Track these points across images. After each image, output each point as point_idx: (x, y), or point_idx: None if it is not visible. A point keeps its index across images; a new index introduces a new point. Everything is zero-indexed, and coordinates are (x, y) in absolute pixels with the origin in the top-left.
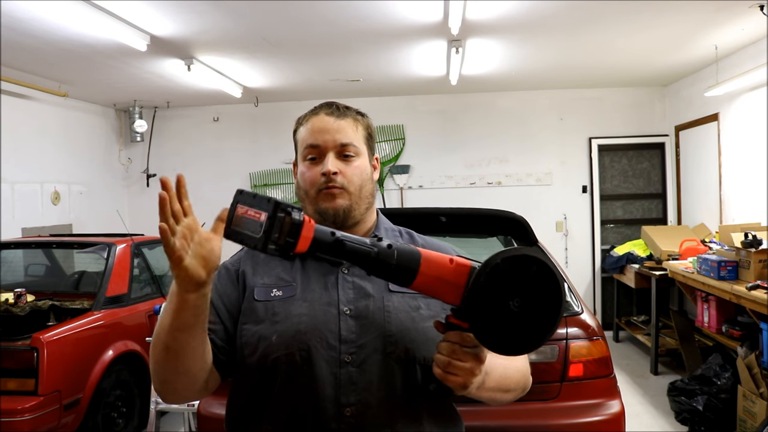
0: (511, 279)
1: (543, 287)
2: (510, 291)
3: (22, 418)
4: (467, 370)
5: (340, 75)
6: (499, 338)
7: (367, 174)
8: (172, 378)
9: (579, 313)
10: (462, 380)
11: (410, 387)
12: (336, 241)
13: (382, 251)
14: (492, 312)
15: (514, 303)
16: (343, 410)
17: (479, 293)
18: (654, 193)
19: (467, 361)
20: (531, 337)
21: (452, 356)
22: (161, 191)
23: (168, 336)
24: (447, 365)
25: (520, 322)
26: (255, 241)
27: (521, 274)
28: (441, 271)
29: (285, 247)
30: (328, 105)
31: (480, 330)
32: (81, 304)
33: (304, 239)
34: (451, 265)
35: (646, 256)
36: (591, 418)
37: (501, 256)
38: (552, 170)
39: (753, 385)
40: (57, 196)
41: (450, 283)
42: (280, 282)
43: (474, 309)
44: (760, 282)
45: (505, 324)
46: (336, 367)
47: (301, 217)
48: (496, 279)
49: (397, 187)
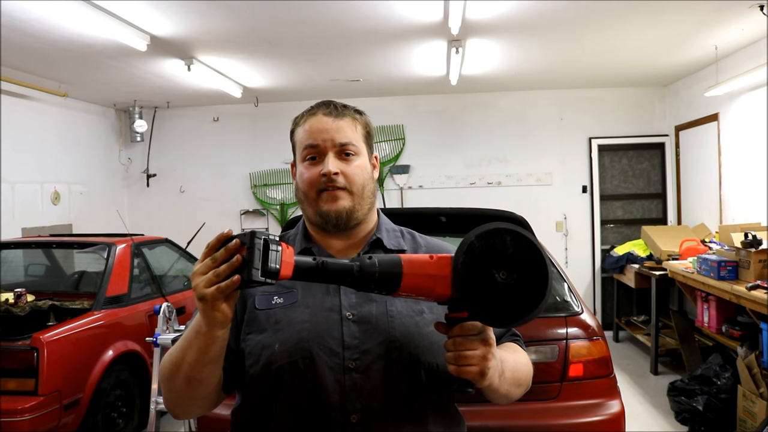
0: (490, 252)
1: (523, 254)
2: (492, 264)
3: (22, 418)
4: (479, 356)
5: (340, 75)
6: (495, 311)
7: (368, 173)
8: (190, 403)
9: (579, 313)
10: (478, 368)
11: (415, 391)
12: (318, 264)
13: (364, 264)
14: (481, 288)
15: (500, 275)
16: (349, 417)
17: (463, 273)
18: (654, 193)
19: (476, 347)
20: (527, 302)
21: (460, 348)
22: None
23: (193, 369)
24: (458, 358)
25: (512, 291)
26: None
27: (498, 246)
28: (424, 267)
29: (269, 274)
30: (326, 104)
31: (474, 308)
32: (81, 304)
33: (286, 264)
34: (432, 260)
35: (646, 256)
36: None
37: (474, 234)
38: (552, 170)
39: (753, 385)
40: (57, 196)
41: (435, 276)
42: (281, 289)
43: (463, 290)
44: (760, 282)
45: (497, 296)
46: (340, 374)
47: (278, 246)
48: (475, 256)
49: (397, 187)
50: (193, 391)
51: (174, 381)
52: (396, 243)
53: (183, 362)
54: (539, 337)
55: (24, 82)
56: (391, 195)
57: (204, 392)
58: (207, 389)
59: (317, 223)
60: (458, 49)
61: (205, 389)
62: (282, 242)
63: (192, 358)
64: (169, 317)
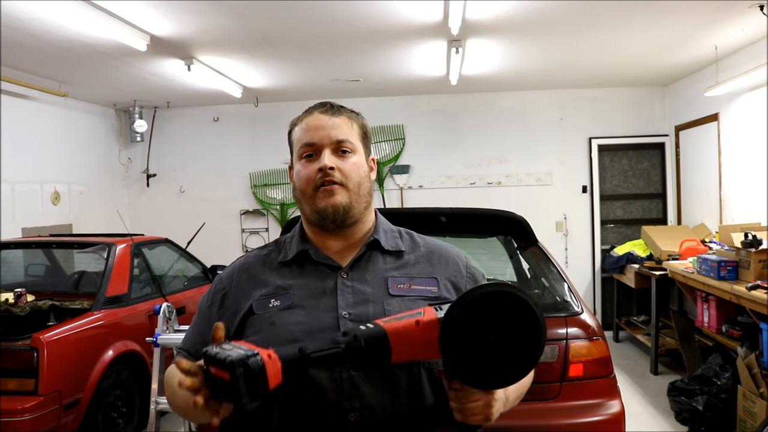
0: (476, 320)
1: (512, 316)
2: (481, 332)
3: (22, 418)
4: (481, 406)
5: (340, 75)
6: (487, 376)
7: (365, 171)
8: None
9: (579, 313)
10: (481, 417)
11: (414, 389)
12: (303, 356)
13: (349, 344)
14: (471, 356)
15: (491, 339)
16: (347, 416)
17: (450, 347)
18: (654, 193)
19: (478, 399)
20: (521, 362)
21: (463, 402)
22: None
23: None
24: (462, 411)
25: (504, 355)
26: (227, 396)
27: (484, 313)
28: (411, 336)
29: (257, 394)
30: (322, 104)
31: (467, 377)
32: (81, 304)
33: (274, 376)
34: (418, 327)
35: (646, 256)
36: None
37: (457, 306)
38: (552, 170)
39: (753, 385)
40: (57, 196)
41: (425, 341)
42: (278, 291)
43: (451, 361)
44: (760, 282)
45: (490, 361)
46: (338, 373)
47: (260, 362)
48: (460, 327)
49: (397, 187)
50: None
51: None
52: (394, 244)
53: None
54: None
55: (24, 82)
56: (391, 195)
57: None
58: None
59: (315, 220)
60: (458, 49)
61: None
62: (262, 352)
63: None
64: (169, 317)
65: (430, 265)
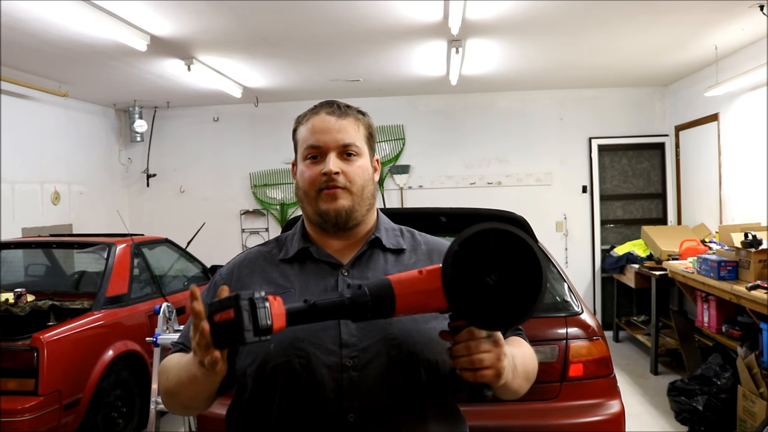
0: (477, 258)
1: (512, 251)
2: (481, 268)
3: (22, 418)
4: (492, 357)
5: (340, 75)
6: (493, 316)
7: (369, 174)
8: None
9: (579, 313)
10: (493, 370)
11: (414, 389)
12: (309, 306)
13: (354, 294)
14: (474, 296)
15: (491, 278)
16: (346, 415)
17: (453, 285)
18: (654, 193)
19: (488, 349)
20: (524, 298)
21: (472, 352)
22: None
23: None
24: (473, 362)
25: (507, 291)
26: (234, 338)
27: (484, 250)
28: (414, 285)
29: (262, 331)
30: (329, 104)
31: (472, 318)
32: (81, 304)
33: (278, 317)
34: (422, 275)
35: (646, 256)
36: (591, 418)
37: (457, 242)
38: (552, 170)
39: (753, 385)
40: (57, 196)
41: (428, 290)
42: (278, 288)
43: (456, 302)
44: (760, 282)
45: (493, 300)
46: (338, 372)
47: (265, 302)
48: (461, 265)
49: (397, 187)
50: (191, 410)
51: (171, 402)
52: (395, 242)
53: (179, 395)
54: (539, 337)
55: (24, 82)
56: (391, 195)
57: (201, 409)
58: (204, 407)
59: (316, 222)
60: (458, 49)
61: (202, 407)
62: (269, 296)
63: (188, 395)
64: (169, 317)
65: (430, 263)
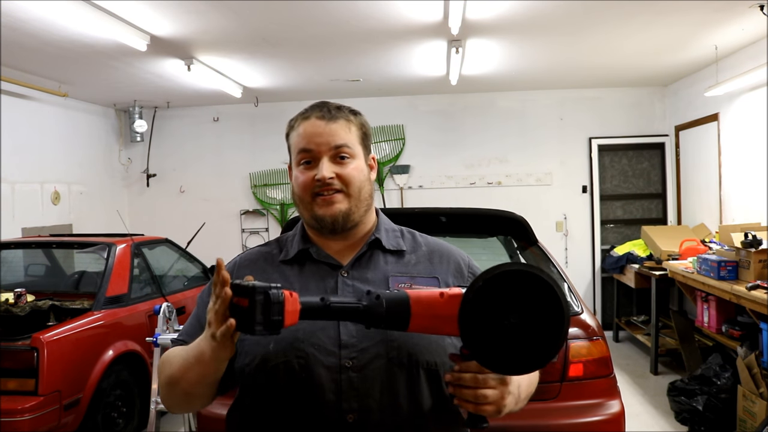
0: (499, 297)
1: (536, 297)
2: (502, 309)
3: (22, 418)
4: (497, 395)
5: (340, 75)
6: (506, 361)
7: (365, 175)
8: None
9: (579, 313)
10: (495, 407)
11: (413, 390)
12: (324, 305)
13: (371, 303)
14: (491, 335)
15: (511, 320)
16: (345, 416)
17: (470, 322)
18: (654, 193)
19: (494, 386)
20: (541, 349)
21: (479, 386)
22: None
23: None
24: (476, 397)
25: (525, 338)
26: (244, 326)
27: (508, 290)
28: (433, 308)
29: (271, 326)
30: (319, 107)
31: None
32: (81, 304)
33: (291, 314)
34: (442, 299)
35: (646, 256)
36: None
37: (483, 278)
38: (552, 170)
39: (753, 385)
40: (57, 196)
41: (445, 317)
42: None
43: (471, 340)
44: (760, 282)
45: (509, 344)
46: (336, 373)
47: (280, 295)
48: (483, 301)
49: (397, 187)
50: (191, 402)
51: (172, 391)
52: (395, 243)
53: (182, 380)
54: None
55: (24, 82)
56: (391, 195)
57: (201, 401)
58: (204, 399)
59: (313, 226)
60: (458, 49)
61: (202, 399)
62: (285, 291)
63: (192, 379)
64: (169, 317)
65: (431, 265)
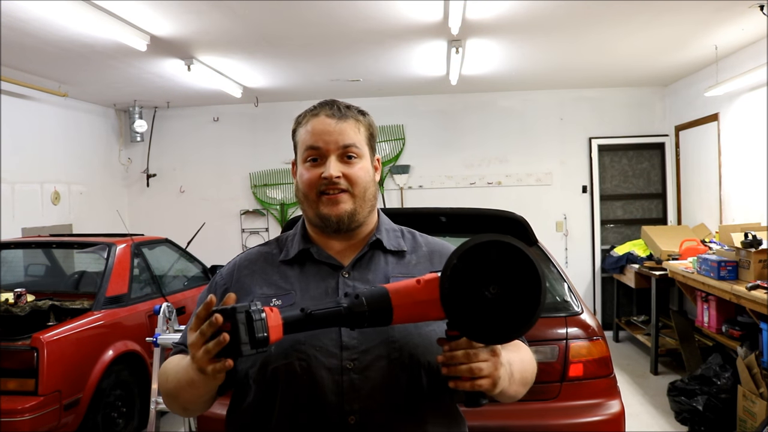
0: (476, 271)
1: (511, 265)
2: (480, 282)
3: (22, 418)
4: (490, 366)
5: (340, 75)
6: (490, 331)
7: (370, 176)
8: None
9: (579, 313)
10: (490, 379)
11: (414, 392)
12: (306, 316)
13: (351, 303)
14: (473, 309)
15: (490, 291)
16: (347, 418)
17: (451, 298)
18: (654, 193)
19: (486, 358)
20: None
21: (471, 361)
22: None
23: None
24: (471, 371)
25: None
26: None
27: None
28: (412, 295)
29: (258, 343)
30: (329, 105)
31: (469, 332)
32: (81, 304)
33: (275, 329)
34: (419, 284)
35: (646, 256)
36: (591, 418)
37: (456, 255)
38: (552, 170)
39: (753, 385)
40: (57, 196)
41: (426, 301)
42: (279, 291)
43: (454, 314)
44: (760, 282)
45: (490, 314)
46: (338, 375)
47: (261, 313)
48: (460, 277)
49: (397, 187)
50: (191, 412)
51: (172, 403)
52: (396, 243)
53: (178, 397)
54: (539, 337)
55: (24, 82)
56: (391, 195)
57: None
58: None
59: (317, 224)
60: (458, 49)
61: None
62: (265, 307)
63: (187, 398)
64: (169, 317)
65: (431, 265)
